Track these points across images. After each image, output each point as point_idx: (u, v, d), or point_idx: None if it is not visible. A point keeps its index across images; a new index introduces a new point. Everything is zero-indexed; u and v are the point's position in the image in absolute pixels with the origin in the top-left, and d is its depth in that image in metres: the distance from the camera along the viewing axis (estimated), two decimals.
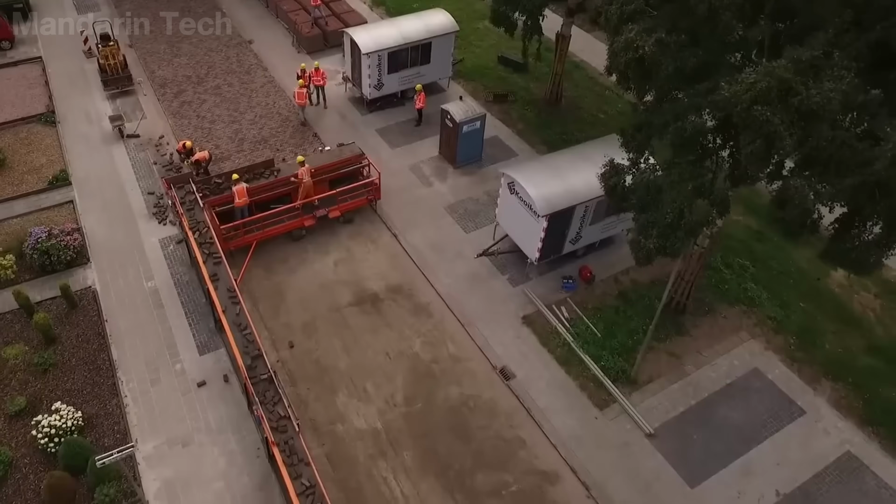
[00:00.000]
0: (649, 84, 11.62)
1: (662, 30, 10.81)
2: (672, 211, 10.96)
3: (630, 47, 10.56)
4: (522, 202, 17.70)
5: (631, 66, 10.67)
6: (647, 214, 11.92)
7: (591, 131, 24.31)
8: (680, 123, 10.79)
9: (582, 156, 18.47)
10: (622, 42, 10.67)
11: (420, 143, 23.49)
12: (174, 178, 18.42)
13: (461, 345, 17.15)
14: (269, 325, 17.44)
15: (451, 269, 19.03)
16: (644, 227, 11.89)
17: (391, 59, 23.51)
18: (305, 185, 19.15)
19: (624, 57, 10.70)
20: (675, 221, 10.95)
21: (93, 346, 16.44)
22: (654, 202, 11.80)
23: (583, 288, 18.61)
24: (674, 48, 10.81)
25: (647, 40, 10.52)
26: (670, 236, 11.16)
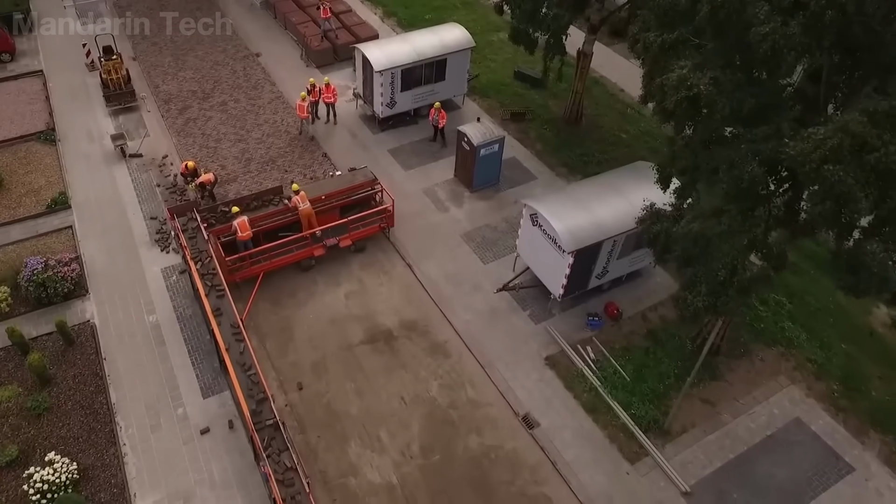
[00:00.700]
0: (699, 125, 10.53)
1: (716, 66, 9.77)
2: (724, 267, 9.91)
3: (683, 85, 9.51)
4: (546, 235, 16.65)
5: (682, 105, 9.62)
6: (693, 268, 10.87)
7: (613, 152, 23.28)
8: (736, 172, 9.72)
9: (608, 185, 17.44)
10: (674, 79, 9.61)
11: (434, 165, 22.47)
12: (177, 208, 17.43)
13: (481, 388, 16.12)
14: (276, 364, 16.44)
15: (468, 303, 18.00)
16: (691, 282, 10.83)
17: (404, 76, 22.49)
18: (304, 214, 18.09)
19: (675, 95, 9.65)
20: (727, 279, 9.90)
21: (90, 387, 15.47)
22: (702, 255, 10.75)
23: (609, 325, 17.55)
24: (729, 87, 9.76)
25: (702, 78, 9.47)
26: (721, 295, 10.11)
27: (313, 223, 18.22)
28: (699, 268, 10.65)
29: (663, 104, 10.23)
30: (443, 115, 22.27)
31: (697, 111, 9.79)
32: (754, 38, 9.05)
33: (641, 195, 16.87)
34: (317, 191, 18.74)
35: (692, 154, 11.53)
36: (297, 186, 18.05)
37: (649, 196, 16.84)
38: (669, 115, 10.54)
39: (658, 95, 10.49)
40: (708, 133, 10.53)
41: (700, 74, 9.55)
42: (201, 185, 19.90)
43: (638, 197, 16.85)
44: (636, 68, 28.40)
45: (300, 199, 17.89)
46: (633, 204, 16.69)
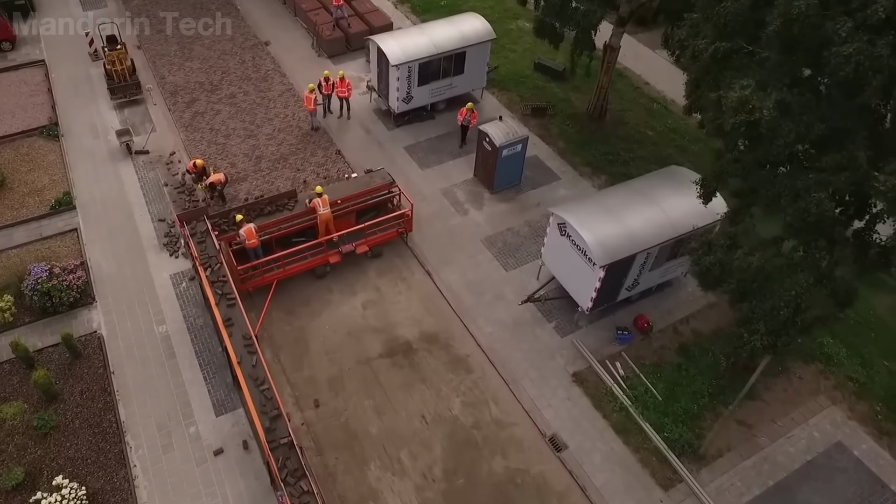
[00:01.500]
0: (758, 149, 9.56)
1: (780, 84, 8.82)
2: (786, 305, 9.07)
3: (744, 108, 8.58)
4: (575, 246, 15.79)
5: (741, 129, 8.69)
6: (750, 304, 10.01)
7: (639, 150, 22.29)
8: (802, 204, 8.82)
9: (639, 193, 16.50)
10: (735, 100, 8.66)
11: (453, 164, 21.53)
12: (188, 214, 16.59)
13: (505, 406, 15.40)
14: (291, 379, 15.74)
15: (491, 314, 17.21)
16: (748, 319, 9.98)
17: (422, 70, 21.46)
18: (322, 219, 17.29)
19: (734, 118, 8.71)
20: (790, 318, 9.07)
21: (98, 404, 14.82)
22: (760, 289, 9.90)
23: (638, 339, 16.76)
24: (796, 110, 8.82)
25: (766, 101, 8.52)
26: (782, 334, 9.28)
27: (331, 229, 17.41)
28: (757, 303, 9.81)
29: (717, 122, 9.28)
30: (475, 116, 21.26)
31: (758, 135, 8.83)
32: (835, 58, 8.08)
33: (676, 203, 16.10)
34: (332, 194, 17.86)
35: (744, 171, 10.58)
36: (320, 189, 17.20)
37: (684, 204, 16.06)
38: (725, 134, 9.60)
39: (712, 112, 9.54)
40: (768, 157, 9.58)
41: (763, 96, 8.59)
42: (211, 185, 19.07)
43: (672, 205, 16.06)
44: (663, 60, 27.36)
45: (321, 203, 17.05)
46: (666, 213, 15.88)
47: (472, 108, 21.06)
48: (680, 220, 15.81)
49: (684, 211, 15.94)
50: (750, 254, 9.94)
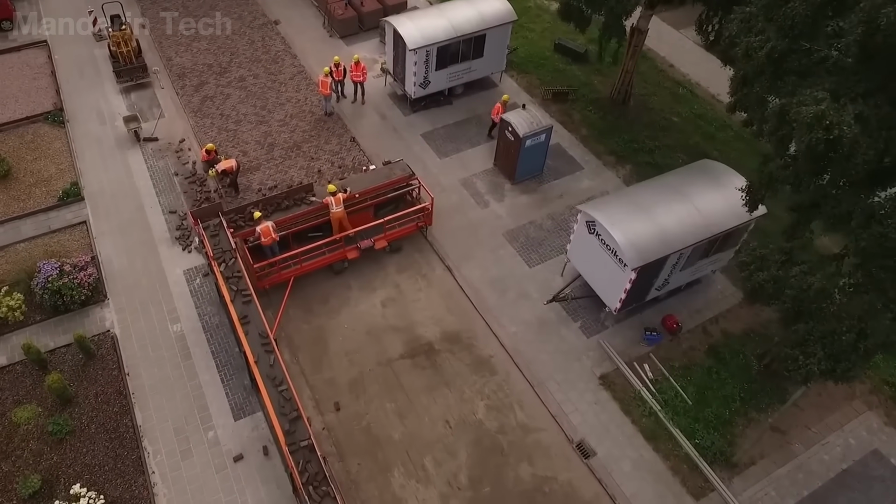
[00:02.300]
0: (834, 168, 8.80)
1: (855, 94, 8.08)
2: (850, 330, 8.50)
3: (820, 125, 7.85)
4: (604, 245, 15.19)
5: (818, 147, 7.96)
6: (806, 325, 9.43)
7: (664, 138, 21.49)
8: (880, 229, 8.10)
9: (671, 189, 15.81)
10: (810, 116, 7.91)
11: (472, 152, 20.79)
12: (202, 211, 15.97)
13: (531, 411, 14.99)
14: (311, 381, 15.32)
15: (515, 313, 16.70)
16: (804, 341, 9.41)
17: (440, 54, 20.56)
18: (335, 217, 16.67)
19: (808, 135, 7.99)
20: (854, 343, 8.51)
21: (114, 407, 14.44)
22: (819, 311, 9.31)
23: (667, 340, 16.26)
24: (875, 124, 8.10)
25: (845, 116, 7.78)
26: (843, 360, 8.73)
27: (346, 226, 16.80)
28: (814, 325, 9.24)
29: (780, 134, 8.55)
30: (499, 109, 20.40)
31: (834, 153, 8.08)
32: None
33: (709, 201, 15.45)
34: (350, 187, 17.18)
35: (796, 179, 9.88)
36: (333, 188, 16.52)
37: (717, 202, 15.42)
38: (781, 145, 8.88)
39: (772, 122, 8.81)
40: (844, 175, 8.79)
41: (839, 109, 7.82)
42: (223, 172, 18.40)
43: (706, 202, 15.41)
44: (688, 41, 26.30)
45: (333, 202, 16.40)
46: (700, 211, 15.24)
47: (506, 101, 20.08)
48: (714, 219, 15.17)
49: (718, 209, 15.31)
50: (809, 272, 9.34)
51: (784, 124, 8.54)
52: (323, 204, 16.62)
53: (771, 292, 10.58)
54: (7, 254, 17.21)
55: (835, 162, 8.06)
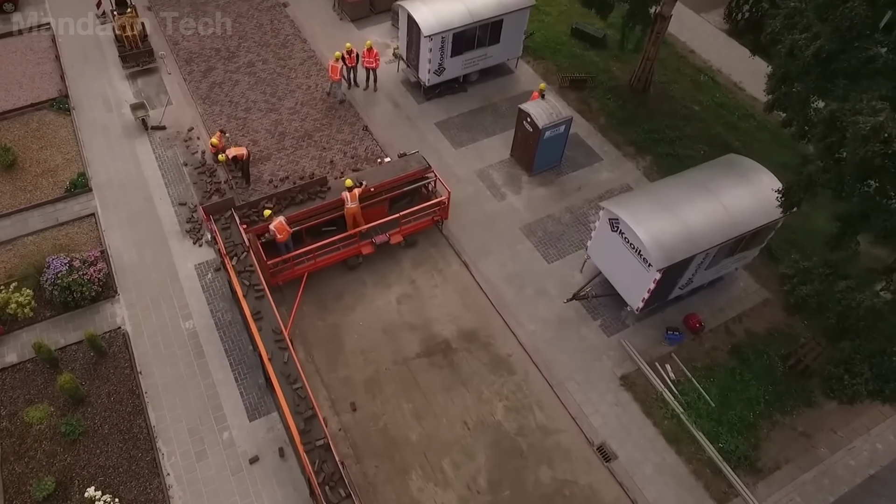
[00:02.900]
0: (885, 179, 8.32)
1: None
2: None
3: (878, 137, 7.36)
4: (628, 244, 14.76)
5: (873, 160, 7.47)
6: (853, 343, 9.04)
7: (686, 128, 20.90)
8: None
9: (697, 185, 15.32)
10: (867, 128, 7.42)
11: (488, 142, 20.25)
12: (214, 206, 15.54)
13: (551, 412, 14.71)
14: (326, 380, 15.04)
15: (533, 310, 16.34)
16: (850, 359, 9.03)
17: (456, 40, 19.92)
18: (349, 212, 16.27)
19: (864, 148, 7.50)
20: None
21: (127, 407, 14.20)
22: (866, 329, 8.92)
23: (689, 339, 15.91)
24: None
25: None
26: (892, 380, 8.36)
27: (359, 222, 16.40)
28: (861, 343, 8.85)
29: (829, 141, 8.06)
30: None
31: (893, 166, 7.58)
32: None
33: (736, 198, 14.97)
34: (365, 180, 16.73)
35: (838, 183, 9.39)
36: (350, 182, 16.07)
37: (745, 199, 14.95)
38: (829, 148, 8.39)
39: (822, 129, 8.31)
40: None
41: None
42: (234, 159, 17.91)
43: (733, 199, 14.94)
44: (709, 26, 25.55)
45: (349, 197, 15.98)
46: (727, 209, 14.77)
47: (544, 90, 19.25)
48: (741, 217, 14.71)
49: (746, 206, 14.85)
50: (856, 288, 8.93)
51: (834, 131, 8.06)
52: (340, 199, 16.20)
53: (815, 307, 10.17)
54: (15, 247, 16.88)
55: (890, 173, 7.60)
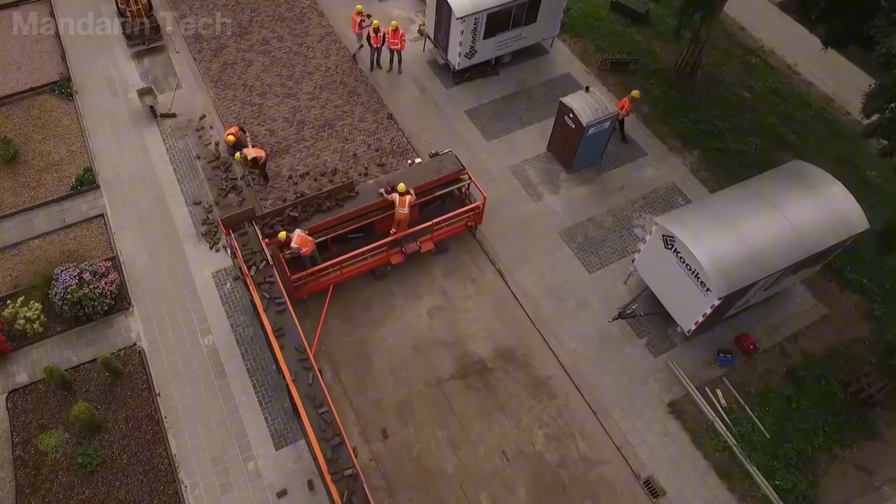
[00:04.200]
0: None
1: None
2: None
3: None
4: (683, 264, 13.55)
5: None
6: None
7: (736, 119, 19.32)
8: None
9: (760, 198, 13.95)
10: None
11: (522, 133, 18.77)
12: (233, 218, 14.30)
13: (594, 441, 13.84)
14: (355, 403, 14.17)
15: (574, 326, 15.28)
16: None
17: (490, 21, 18.19)
18: (398, 217, 15.13)
19: None
20: None
21: (146, 435, 13.40)
22: None
23: (741, 361, 14.87)
24: None
25: None
26: None
27: (404, 229, 15.31)
28: None
29: None
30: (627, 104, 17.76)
31: None
32: None
33: (803, 213, 13.67)
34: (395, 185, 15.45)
35: None
36: (404, 187, 14.98)
37: (814, 214, 13.65)
38: None
39: None
40: None
41: None
42: (253, 160, 16.58)
43: (800, 215, 13.64)
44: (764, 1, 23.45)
45: (401, 202, 14.98)
46: (794, 227, 13.50)
47: (636, 97, 17.64)
48: (809, 236, 13.44)
49: (814, 223, 13.58)
50: None
51: None
52: (388, 200, 15.09)
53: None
54: (20, 252, 15.81)
55: None
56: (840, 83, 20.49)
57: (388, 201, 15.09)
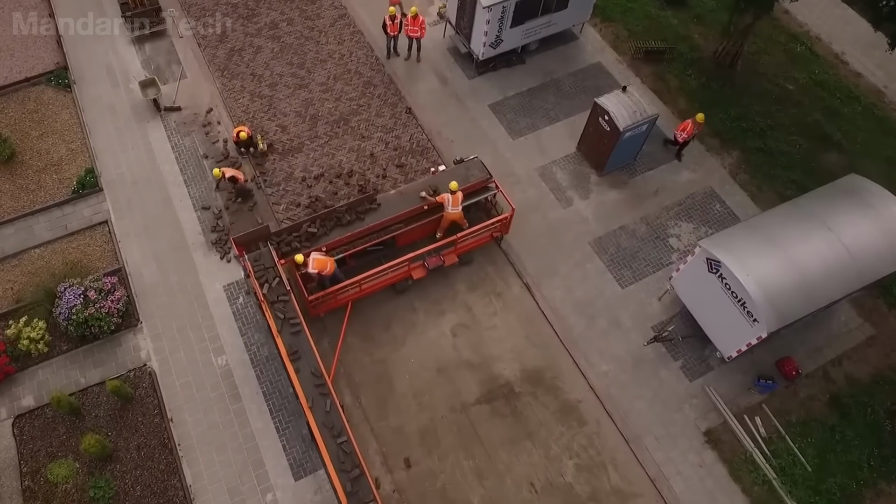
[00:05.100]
0: None
1: None
2: None
3: None
4: (729, 291, 12.65)
5: None
6: None
7: (779, 115, 18.06)
8: None
9: (814, 219, 12.95)
10: None
11: (550, 131, 17.59)
12: (246, 237, 13.36)
13: (626, 472, 13.22)
14: (376, 429, 13.53)
15: (605, 346, 14.50)
16: None
17: (518, 8, 16.79)
18: (448, 217, 14.52)
19: None
20: None
21: (159, 464, 12.83)
22: None
23: (782, 386, 14.12)
24: None
25: None
26: None
27: (460, 226, 14.89)
28: None
29: None
30: (700, 128, 16.28)
31: None
32: None
33: (861, 236, 12.67)
34: (415, 195, 14.44)
35: None
36: (455, 185, 14.18)
37: (872, 238, 12.65)
38: None
39: None
40: None
41: None
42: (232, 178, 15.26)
43: (857, 239, 12.68)
44: None
45: (451, 201, 14.17)
46: (851, 253, 12.55)
47: (701, 122, 16.03)
48: (867, 262, 12.51)
49: (872, 248, 12.62)
50: None
51: None
52: (437, 201, 14.27)
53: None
54: (21, 263, 14.99)
55: None
56: (892, 75, 19.08)
57: (437, 203, 14.27)
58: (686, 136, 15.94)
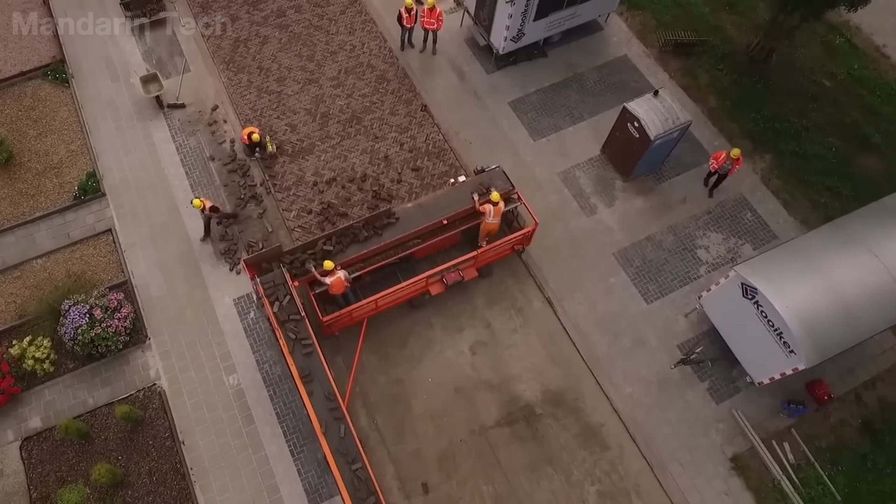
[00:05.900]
0: None
1: None
2: None
3: None
4: (765, 319, 12.04)
5: None
6: None
7: (814, 115, 17.13)
8: None
9: (856, 242, 12.22)
10: None
11: (573, 132, 16.72)
12: (258, 257, 12.70)
13: (650, 499, 12.86)
14: (393, 453, 13.16)
15: (630, 366, 13.99)
16: None
17: (542, 1, 15.70)
18: (487, 228, 13.99)
19: None
20: None
21: (172, 491, 12.51)
22: None
23: (812, 410, 13.64)
24: None
25: None
26: None
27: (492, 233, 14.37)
28: None
29: None
30: (739, 163, 14.72)
31: None
32: None
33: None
34: (436, 209, 13.73)
35: None
36: (497, 196, 13.57)
37: None
38: None
39: None
40: None
41: None
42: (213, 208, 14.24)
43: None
44: None
45: (493, 213, 13.64)
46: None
47: (738, 157, 14.44)
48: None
49: None
50: None
51: None
52: (479, 210, 13.71)
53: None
54: (23, 274, 14.43)
55: None
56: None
57: (479, 211, 13.71)
58: (717, 166, 14.75)
